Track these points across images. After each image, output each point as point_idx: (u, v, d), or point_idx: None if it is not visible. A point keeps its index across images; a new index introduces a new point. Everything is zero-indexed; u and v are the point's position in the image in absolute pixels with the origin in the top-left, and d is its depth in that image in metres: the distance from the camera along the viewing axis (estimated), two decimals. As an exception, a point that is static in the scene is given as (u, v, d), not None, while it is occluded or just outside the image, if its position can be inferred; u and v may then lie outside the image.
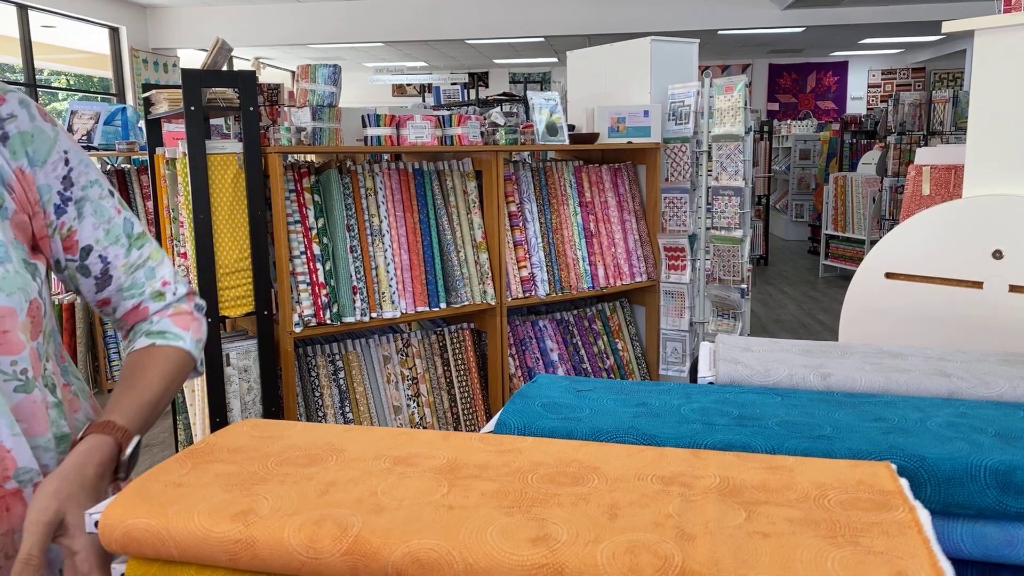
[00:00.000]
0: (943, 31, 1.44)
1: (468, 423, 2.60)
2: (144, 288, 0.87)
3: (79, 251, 0.82)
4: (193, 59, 8.86)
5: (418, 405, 2.52)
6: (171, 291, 0.89)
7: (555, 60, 11.69)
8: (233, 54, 8.67)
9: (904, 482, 0.56)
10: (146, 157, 3.05)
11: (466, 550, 0.48)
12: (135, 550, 0.55)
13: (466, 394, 2.62)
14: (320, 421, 2.35)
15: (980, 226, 1.32)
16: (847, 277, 6.85)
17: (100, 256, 0.83)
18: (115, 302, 0.87)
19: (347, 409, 2.39)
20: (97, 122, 4.26)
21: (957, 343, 1.33)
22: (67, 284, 0.86)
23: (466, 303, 2.55)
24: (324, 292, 2.28)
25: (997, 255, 1.30)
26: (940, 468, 0.61)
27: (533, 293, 2.73)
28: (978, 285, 1.31)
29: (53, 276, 1.31)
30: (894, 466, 0.60)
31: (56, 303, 3.87)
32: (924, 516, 0.51)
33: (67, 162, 0.79)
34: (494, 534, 0.50)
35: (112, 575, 0.57)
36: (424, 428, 2.17)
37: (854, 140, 8.34)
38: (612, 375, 3.01)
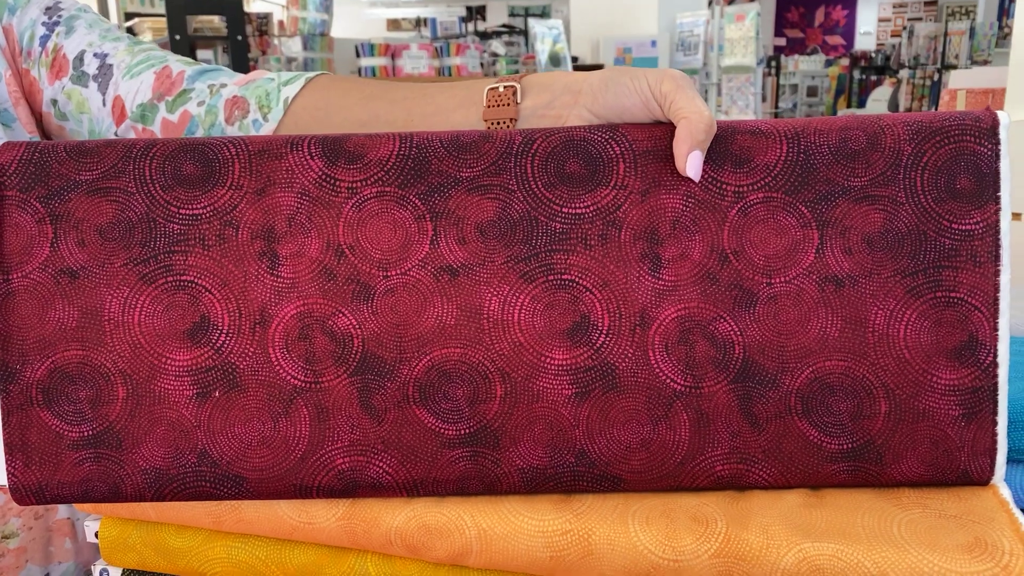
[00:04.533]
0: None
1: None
2: (166, 57, 0.63)
3: (71, 63, 0.62)
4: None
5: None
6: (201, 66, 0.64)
7: (556, -8, 11.30)
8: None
9: (967, 434, 0.51)
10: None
11: (479, 514, 0.42)
12: (108, 509, 0.49)
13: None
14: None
15: (1021, 154, 1.24)
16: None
17: (95, 54, 0.62)
18: (127, 89, 0.61)
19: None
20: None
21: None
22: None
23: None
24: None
25: (1037, 187, 1.22)
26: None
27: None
28: (1017, 217, 1.24)
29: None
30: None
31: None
32: (998, 473, 0.45)
33: None
34: (511, 496, 0.44)
35: (86, 534, 0.52)
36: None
37: (863, 76, 8.13)
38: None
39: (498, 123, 0.49)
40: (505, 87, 0.49)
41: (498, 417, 0.40)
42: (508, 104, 0.49)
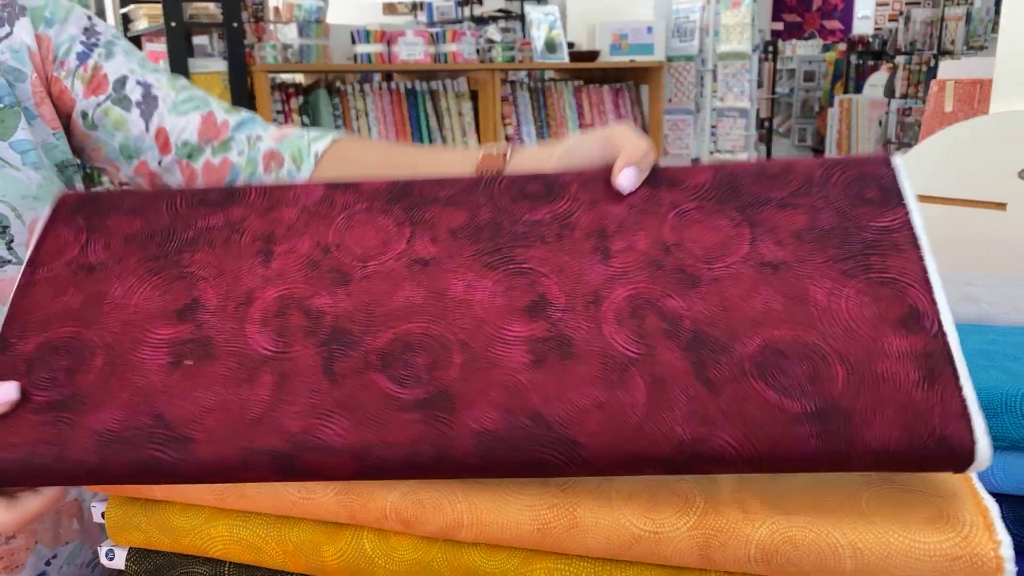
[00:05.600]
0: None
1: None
2: (208, 100, 0.71)
3: (111, 84, 0.69)
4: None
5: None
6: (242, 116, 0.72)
7: (553, -23, 11.22)
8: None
9: (938, 414, 0.53)
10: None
11: (470, 488, 0.45)
12: (115, 488, 0.51)
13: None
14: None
15: (1006, 144, 1.26)
16: (848, 203, 6.72)
17: (138, 82, 0.70)
18: (173, 124, 0.69)
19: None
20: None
21: (979, 266, 1.29)
22: (100, 154, 0.71)
23: (463, 229, 2.49)
24: (317, 218, 2.23)
25: (1023, 175, 1.24)
26: (973, 398, 0.57)
27: (531, 219, 2.67)
28: (1001, 206, 1.26)
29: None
30: (925, 397, 0.56)
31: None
32: (981, 445, 0.47)
33: (89, 19, 0.70)
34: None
35: (93, 515, 0.54)
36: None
37: (860, 61, 8.10)
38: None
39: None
40: (498, 151, 0.58)
41: (455, 382, 0.40)
42: (498, 161, 0.58)
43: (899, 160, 0.45)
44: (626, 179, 0.46)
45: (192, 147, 0.70)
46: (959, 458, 0.37)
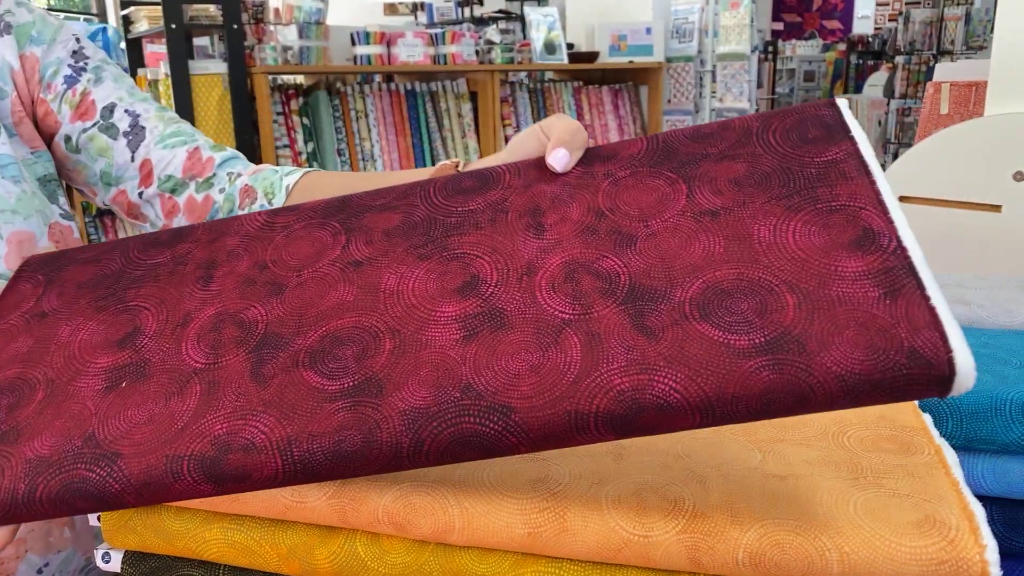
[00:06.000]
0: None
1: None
2: (195, 135, 0.72)
3: (99, 111, 0.69)
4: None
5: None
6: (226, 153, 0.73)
7: (553, -23, 11.22)
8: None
9: (927, 417, 0.53)
10: (128, 79, 2.93)
11: (462, 492, 0.45)
12: (111, 492, 0.52)
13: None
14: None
15: (1001, 146, 1.26)
16: (848, 203, 6.70)
17: (127, 111, 0.70)
18: (159, 157, 0.70)
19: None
20: (76, 43, 4.09)
21: (974, 268, 1.29)
22: (80, 176, 0.71)
23: (462, 230, 2.50)
24: (316, 219, 2.23)
25: (1018, 177, 1.24)
26: (963, 402, 0.58)
27: (531, 220, 2.68)
28: (996, 208, 1.26)
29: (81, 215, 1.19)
30: (915, 401, 0.56)
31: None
32: (951, 456, 0.47)
33: (78, 40, 0.70)
34: (492, 475, 0.46)
35: (89, 518, 0.54)
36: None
37: (860, 61, 8.10)
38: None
39: None
40: (452, 163, 0.59)
41: (384, 368, 0.39)
42: (450, 170, 0.58)
43: (843, 101, 0.43)
44: (557, 158, 0.46)
45: (176, 181, 0.70)
46: (936, 372, 0.32)
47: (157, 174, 0.70)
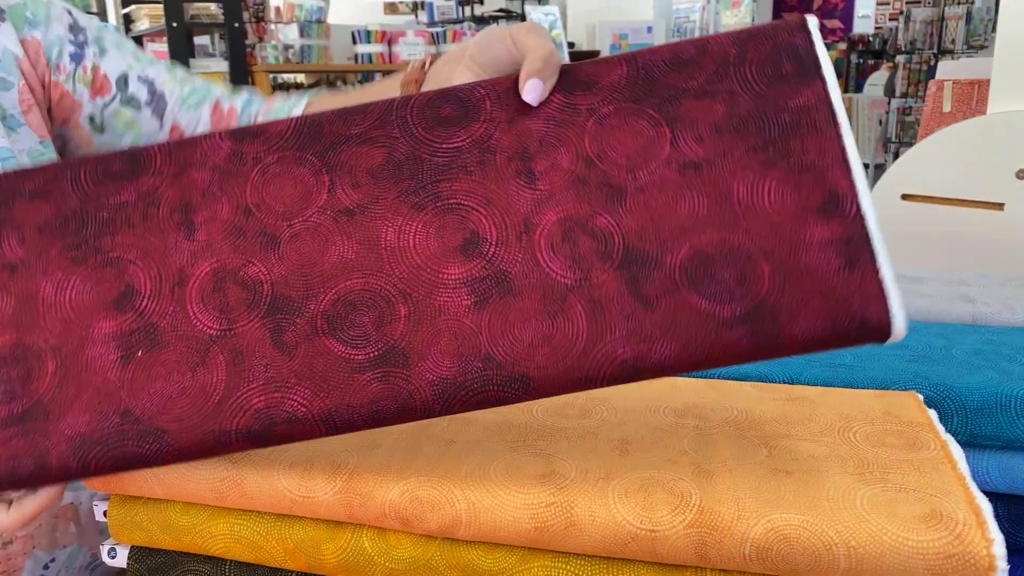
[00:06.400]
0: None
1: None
2: (209, 88, 0.71)
3: (114, 84, 0.68)
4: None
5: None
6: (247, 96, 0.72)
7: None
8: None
9: (933, 413, 0.53)
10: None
11: (468, 487, 0.45)
12: (116, 486, 0.52)
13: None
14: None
15: (1003, 145, 1.26)
16: (848, 202, 6.69)
17: (139, 77, 0.69)
18: (187, 120, 0.70)
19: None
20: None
21: (977, 266, 1.29)
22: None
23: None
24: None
25: (1021, 175, 1.24)
26: (968, 398, 0.58)
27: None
28: (999, 207, 1.26)
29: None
30: (920, 396, 0.56)
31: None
32: (957, 451, 0.48)
33: (70, 13, 0.69)
34: (498, 470, 0.46)
35: (95, 513, 0.54)
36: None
37: (860, 60, 8.09)
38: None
39: (409, 87, 0.57)
40: (420, 62, 0.59)
41: (404, 336, 0.41)
42: (418, 73, 0.58)
43: (813, 22, 0.45)
44: (531, 93, 0.45)
45: None
46: (877, 336, 0.39)
47: (186, 125, 0.70)
